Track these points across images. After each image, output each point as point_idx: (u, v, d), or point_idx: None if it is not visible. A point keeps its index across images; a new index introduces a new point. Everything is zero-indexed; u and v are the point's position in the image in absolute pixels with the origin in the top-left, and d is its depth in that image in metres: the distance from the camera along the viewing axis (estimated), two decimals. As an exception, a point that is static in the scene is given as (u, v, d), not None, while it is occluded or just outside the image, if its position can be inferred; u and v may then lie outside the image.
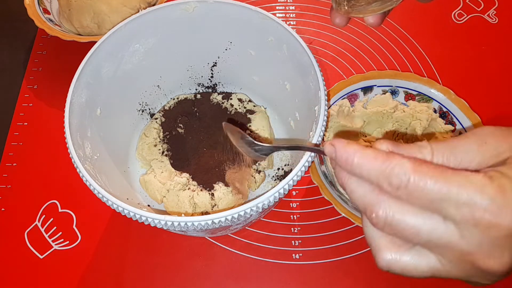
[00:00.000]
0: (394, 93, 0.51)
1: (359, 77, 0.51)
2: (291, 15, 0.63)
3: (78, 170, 0.34)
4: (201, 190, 0.44)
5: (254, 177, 0.46)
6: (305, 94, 0.41)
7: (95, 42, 0.40)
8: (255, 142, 0.33)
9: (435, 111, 0.49)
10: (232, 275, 0.45)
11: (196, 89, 0.54)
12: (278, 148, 0.34)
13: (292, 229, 0.47)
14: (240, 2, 0.42)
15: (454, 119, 0.48)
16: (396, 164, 0.21)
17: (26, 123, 0.55)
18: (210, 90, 0.53)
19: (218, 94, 0.52)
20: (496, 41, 0.61)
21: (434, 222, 0.21)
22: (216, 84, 0.53)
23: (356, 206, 0.25)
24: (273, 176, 0.48)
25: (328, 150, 0.24)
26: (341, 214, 0.43)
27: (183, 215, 0.36)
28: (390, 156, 0.22)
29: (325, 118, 0.36)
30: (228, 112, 0.51)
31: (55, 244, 0.47)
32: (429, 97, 0.50)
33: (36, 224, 0.48)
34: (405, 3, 0.67)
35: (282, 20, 0.40)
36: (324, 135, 0.35)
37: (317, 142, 0.34)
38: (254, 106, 0.51)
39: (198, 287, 0.44)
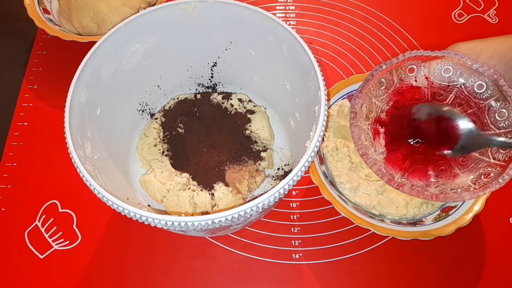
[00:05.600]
0: (394, 93, 0.51)
1: (359, 77, 0.51)
2: (291, 15, 0.63)
3: (78, 170, 0.34)
4: (201, 190, 0.44)
5: (254, 177, 0.46)
6: (305, 94, 0.41)
7: (95, 42, 0.40)
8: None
9: (435, 111, 0.49)
10: (232, 275, 0.45)
11: (196, 89, 0.54)
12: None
13: (292, 229, 0.47)
14: (240, 2, 0.42)
15: (454, 119, 0.48)
16: None
17: (26, 123, 0.55)
18: (210, 90, 0.53)
19: (218, 94, 0.52)
20: (496, 41, 0.60)
21: None
22: (216, 84, 0.53)
23: None
24: (273, 176, 0.48)
25: None
26: (341, 214, 0.43)
27: (183, 215, 0.36)
28: None
29: (325, 118, 0.36)
30: (228, 112, 0.51)
31: (55, 244, 0.47)
32: (429, 97, 0.50)
33: (36, 224, 0.48)
34: (405, 3, 0.67)
35: (282, 20, 0.40)
36: (324, 135, 0.35)
37: (317, 142, 0.34)
38: (254, 106, 0.51)
39: (198, 287, 0.44)
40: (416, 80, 0.37)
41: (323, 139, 0.35)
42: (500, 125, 0.35)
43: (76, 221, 0.48)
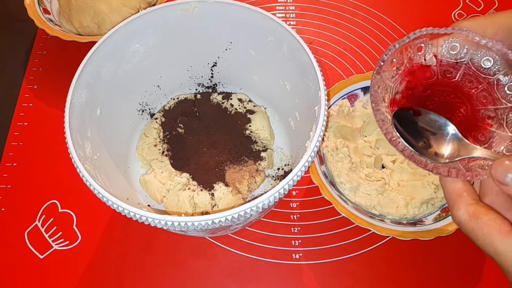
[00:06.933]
0: (394, 93, 0.51)
1: (359, 77, 0.51)
2: (291, 15, 0.64)
3: (78, 170, 0.34)
4: (201, 190, 0.44)
5: (254, 177, 0.46)
6: (305, 94, 0.41)
7: (95, 42, 0.40)
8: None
9: (435, 111, 0.49)
10: (232, 275, 0.45)
11: (196, 89, 0.54)
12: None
13: (292, 229, 0.47)
14: (240, 2, 0.42)
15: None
16: None
17: (26, 123, 0.55)
18: (210, 90, 0.53)
19: (218, 94, 0.52)
20: (496, 41, 0.60)
21: None
22: (216, 84, 0.53)
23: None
24: (273, 176, 0.48)
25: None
26: (341, 214, 0.43)
27: (183, 215, 0.36)
28: None
29: (325, 118, 0.36)
30: (228, 112, 0.51)
31: (55, 244, 0.47)
32: (429, 97, 0.50)
33: (36, 224, 0.48)
34: (405, 3, 0.67)
35: (282, 20, 0.40)
36: (324, 135, 0.35)
37: (317, 142, 0.34)
38: (254, 106, 0.51)
39: (198, 287, 0.44)
40: (425, 59, 0.37)
41: (323, 139, 0.35)
42: (511, 98, 0.35)
43: (76, 221, 0.48)
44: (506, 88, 0.35)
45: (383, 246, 0.46)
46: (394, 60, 0.37)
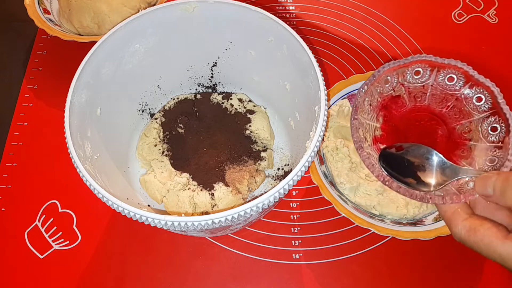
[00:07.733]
0: (394, 93, 0.51)
1: (359, 77, 0.51)
2: (291, 15, 0.64)
3: (78, 170, 0.34)
4: (201, 190, 0.45)
5: (254, 177, 0.46)
6: (305, 94, 0.41)
7: (95, 42, 0.40)
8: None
9: (435, 111, 0.49)
10: (232, 275, 0.45)
11: (196, 89, 0.54)
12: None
13: (292, 229, 0.47)
14: (240, 2, 0.42)
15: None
16: None
17: (26, 123, 0.55)
18: (210, 90, 0.53)
19: (218, 94, 0.52)
20: (496, 41, 0.61)
21: None
22: (216, 84, 0.53)
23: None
24: (273, 176, 0.48)
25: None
26: (341, 214, 0.43)
27: (183, 215, 0.36)
28: None
29: (325, 118, 0.36)
30: (228, 112, 0.51)
31: (55, 244, 0.47)
32: (429, 97, 0.50)
33: (36, 224, 0.48)
34: (405, 3, 0.67)
35: (282, 20, 0.40)
36: (324, 135, 0.35)
37: (317, 142, 0.34)
38: (254, 106, 0.51)
39: (198, 287, 0.44)
40: (394, 90, 0.38)
41: (323, 139, 0.35)
42: (481, 109, 0.36)
43: (76, 221, 0.48)
44: (474, 100, 0.36)
45: (383, 246, 0.46)
46: (367, 99, 0.38)
